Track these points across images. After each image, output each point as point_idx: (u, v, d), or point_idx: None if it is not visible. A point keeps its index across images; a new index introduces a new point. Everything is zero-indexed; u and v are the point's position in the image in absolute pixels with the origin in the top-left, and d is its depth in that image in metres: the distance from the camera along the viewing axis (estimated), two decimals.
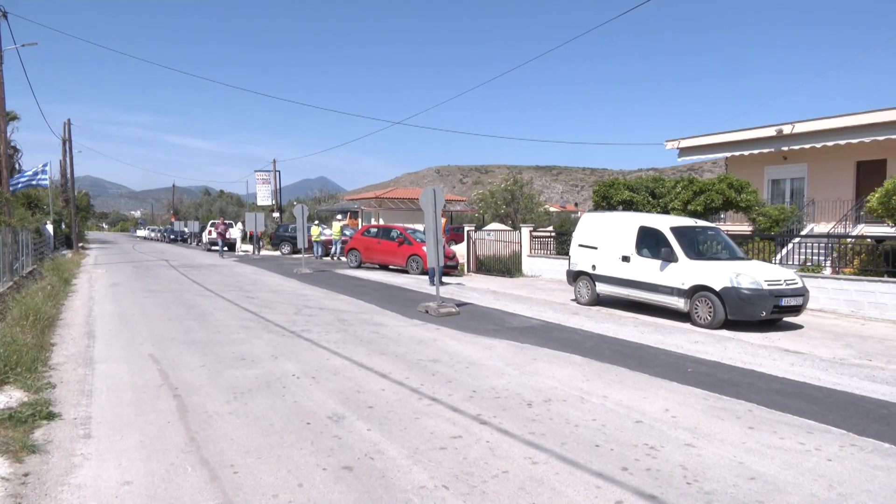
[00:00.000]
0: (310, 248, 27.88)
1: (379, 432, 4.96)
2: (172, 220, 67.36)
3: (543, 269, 19.90)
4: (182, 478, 4.06)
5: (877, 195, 13.49)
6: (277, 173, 46.12)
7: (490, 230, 23.49)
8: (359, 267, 21.85)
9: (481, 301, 13.57)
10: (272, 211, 46.33)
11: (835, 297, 12.77)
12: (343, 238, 26.89)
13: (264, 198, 46.84)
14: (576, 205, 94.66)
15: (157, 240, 61.12)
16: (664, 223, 11.89)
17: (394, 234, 21.35)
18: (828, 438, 4.99)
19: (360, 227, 33.75)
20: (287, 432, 4.94)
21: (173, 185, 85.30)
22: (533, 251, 20.80)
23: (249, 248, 34.50)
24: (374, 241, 21.79)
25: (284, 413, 5.43)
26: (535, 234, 21.36)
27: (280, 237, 32.60)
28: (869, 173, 20.00)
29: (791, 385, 6.77)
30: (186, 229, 52.64)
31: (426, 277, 17.78)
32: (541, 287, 16.87)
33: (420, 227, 23.32)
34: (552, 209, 59.01)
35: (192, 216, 69.69)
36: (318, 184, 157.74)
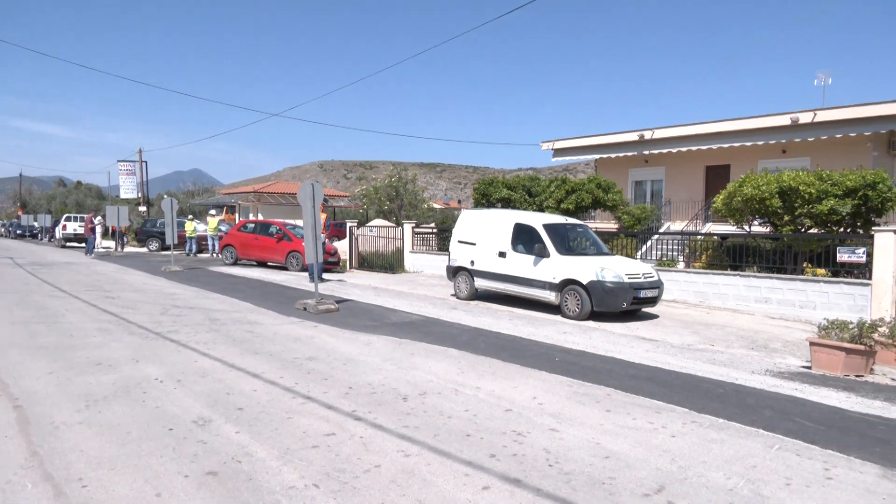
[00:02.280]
0: (182, 245, 26.27)
1: (248, 434, 4.80)
2: (19, 213, 60.56)
3: (425, 265, 20.14)
4: (20, 496, 3.69)
5: (721, 197, 14.97)
6: (144, 164, 42.93)
7: (373, 226, 23.39)
8: (235, 264, 20.92)
9: (362, 297, 13.49)
10: (138, 204, 43.08)
11: (686, 288, 14.04)
12: (219, 234, 25.58)
13: (129, 190, 43.39)
14: (459, 202, 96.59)
15: (1, 235, 54.75)
16: (538, 220, 12.47)
17: (273, 229, 20.65)
18: (673, 417, 5.50)
19: (237, 222, 32.28)
20: (146, 440, 4.64)
21: (20, 175, 76.73)
22: (415, 247, 20.98)
23: (111, 244, 31.87)
24: (251, 237, 20.94)
25: (144, 420, 5.09)
26: (417, 230, 21.55)
27: (147, 233, 30.38)
28: (716, 177, 22.13)
29: (645, 370, 7.38)
30: (37, 224, 47.55)
31: (306, 274, 17.39)
32: (422, 283, 17.07)
33: (301, 222, 22.73)
34: (436, 206, 59.80)
35: (44, 209, 63.06)
36: (192, 176, 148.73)
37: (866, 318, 8.90)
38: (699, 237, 16.41)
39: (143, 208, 42.33)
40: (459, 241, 13.99)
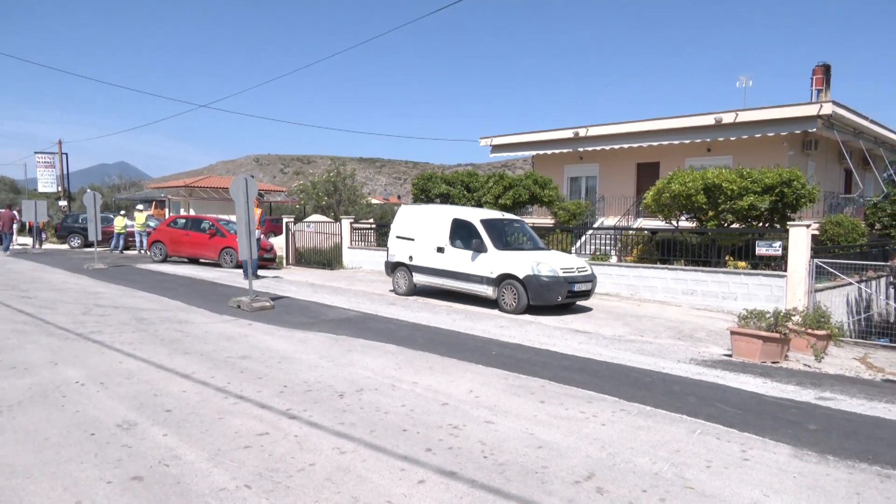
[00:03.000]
0: (106, 242, 25.04)
1: (176, 437, 4.64)
2: None
3: (364, 261, 19.99)
4: None
5: (651, 193, 15.52)
6: (64, 156, 40.62)
7: (311, 222, 23.01)
8: (164, 261, 20.12)
9: (298, 294, 13.26)
10: (58, 199, 40.75)
11: (618, 281, 14.51)
12: (147, 230, 24.54)
13: (48, 183, 40.96)
14: (399, 197, 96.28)
15: None
16: (475, 216, 12.58)
17: (205, 225, 19.98)
18: (604, 406, 5.68)
19: (167, 217, 31.05)
20: (66, 446, 4.41)
21: None
22: (354, 243, 20.78)
23: (28, 241, 30.04)
24: (182, 232, 20.18)
25: (64, 425, 4.84)
26: (356, 225, 21.36)
27: (68, 229, 28.78)
28: (647, 174, 22.94)
29: (578, 361, 7.59)
30: None
31: (241, 271, 16.93)
32: (361, 279, 16.94)
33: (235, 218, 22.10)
34: (375, 201, 59.37)
35: None
36: (118, 169, 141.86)
37: (782, 308, 9.45)
38: (631, 232, 16.96)
39: (63, 203, 40.08)
40: (398, 237, 13.95)
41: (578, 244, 18.55)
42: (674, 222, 15.61)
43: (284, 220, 22.26)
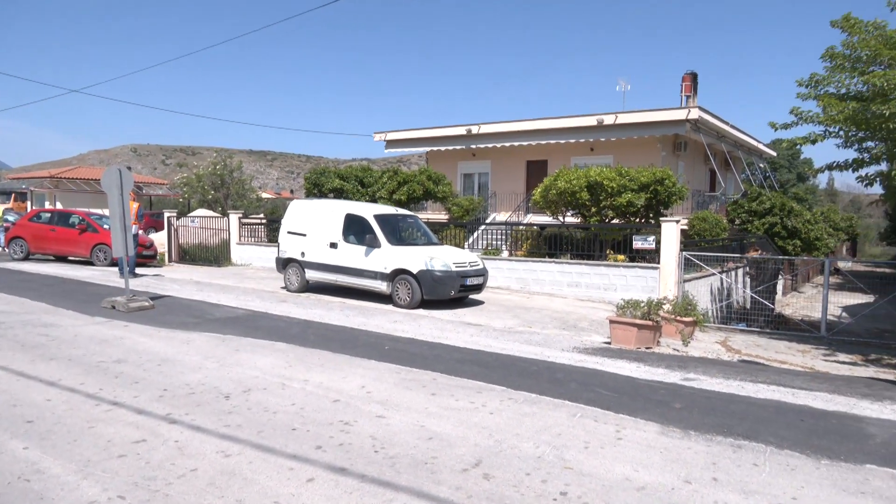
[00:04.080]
0: None
1: (39, 449, 4.27)
2: None
3: (254, 258, 19.29)
4: None
5: (539, 190, 16.17)
6: None
7: (196, 216, 21.84)
8: (26, 259, 18.31)
9: (182, 292, 12.57)
10: None
11: (509, 275, 15.01)
12: (5, 224, 22.20)
13: None
14: (291, 192, 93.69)
15: None
16: (369, 211, 12.52)
17: (74, 219, 18.38)
18: (492, 395, 5.88)
19: (29, 210, 28.25)
20: None
21: None
22: (243, 239, 19.99)
23: None
24: (46, 227, 18.44)
25: None
26: (245, 220, 20.55)
27: None
28: (536, 171, 23.85)
29: (469, 353, 7.79)
30: None
31: (116, 269, 15.77)
32: (250, 276, 16.33)
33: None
34: (267, 195, 57.41)
35: None
36: None
37: (655, 298, 10.20)
38: (521, 227, 17.59)
39: None
40: (289, 233, 13.59)
41: (471, 239, 18.97)
42: (560, 218, 16.36)
43: (166, 214, 20.99)
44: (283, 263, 13.65)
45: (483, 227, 18.88)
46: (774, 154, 32.44)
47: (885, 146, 9.46)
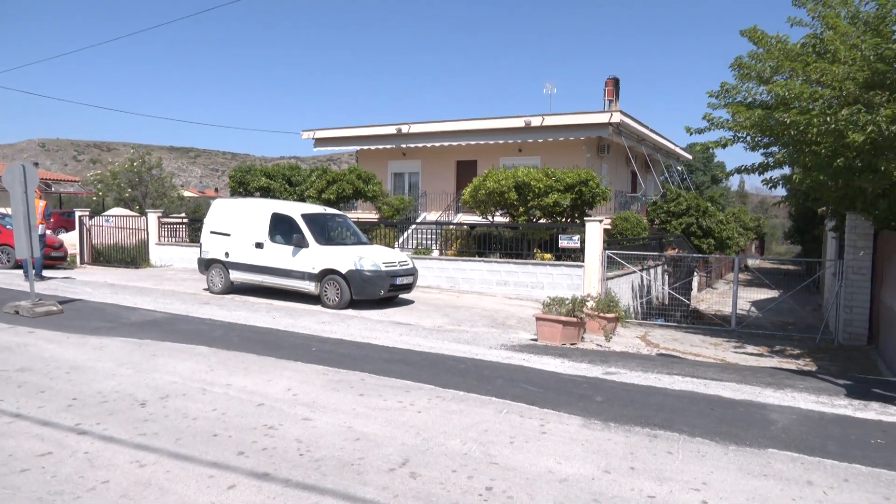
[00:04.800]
0: None
1: None
2: None
3: (175, 259, 18.51)
4: None
5: (468, 190, 16.34)
6: None
7: (110, 216, 20.72)
8: None
9: (95, 296, 11.90)
10: None
11: (439, 274, 15.08)
12: None
13: None
14: (216, 190, 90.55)
15: None
16: (296, 210, 12.27)
17: None
18: (420, 394, 5.90)
19: None
20: None
21: None
22: (163, 239, 19.14)
23: None
24: None
25: None
26: (164, 220, 19.68)
27: None
28: (466, 171, 24.06)
29: (398, 353, 7.77)
30: None
31: (21, 272, 14.73)
32: (170, 277, 15.66)
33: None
34: (189, 194, 55.20)
35: None
36: None
37: (579, 295, 10.52)
38: (451, 227, 17.71)
39: None
40: (212, 232, 13.13)
41: (402, 239, 18.93)
42: (490, 218, 16.59)
43: (77, 213, 19.80)
44: (206, 264, 13.17)
45: (414, 226, 18.88)
46: (690, 157, 34.14)
47: (788, 151, 10.13)
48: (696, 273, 21.68)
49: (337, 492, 3.77)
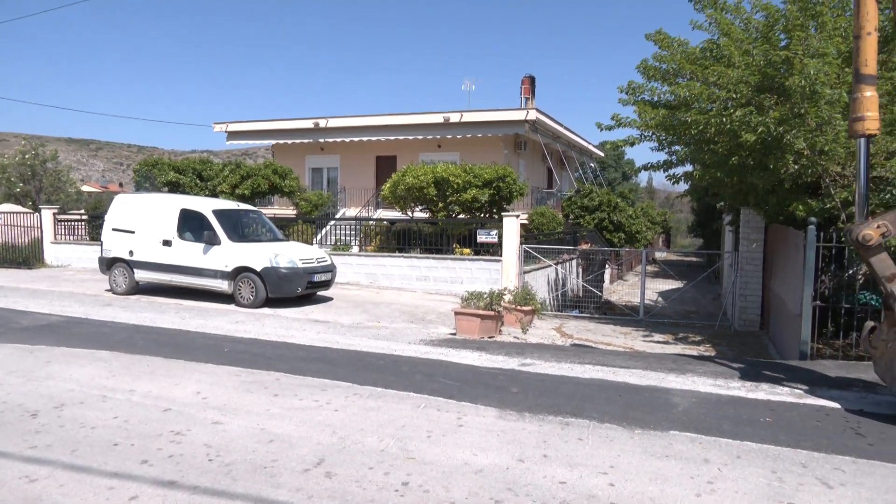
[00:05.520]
0: None
1: None
2: None
3: (74, 258, 17.32)
4: None
5: (388, 185, 16.26)
6: None
7: None
8: None
9: None
10: None
11: (359, 270, 14.93)
12: None
13: None
14: (120, 185, 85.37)
15: None
16: (207, 206, 11.78)
17: None
18: (337, 392, 5.81)
19: None
20: None
21: None
22: (59, 237, 17.86)
23: None
24: None
25: None
26: (62, 217, 18.39)
27: None
28: (385, 167, 23.95)
29: (315, 351, 7.63)
30: None
31: None
32: (69, 278, 14.64)
33: None
34: (90, 189, 51.84)
35: None
36: None
37: (497, 289, 10.71)
38: (371, 223, 17.57)
39: None
40: (115, 230, 12.39)
41: (321, 235, 18.60)
42: (410, 213, 16.58)
43: None
44: (108, 263, 12.41)
45: (333, 222, 18.59)
46: (603, 155, 35.51)
47: (689, 149, 10.72)
48: (608, 266, 22.61)
49: (248, 496, 3.65)
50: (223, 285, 11.27)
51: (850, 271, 9.08)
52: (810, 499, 3.71)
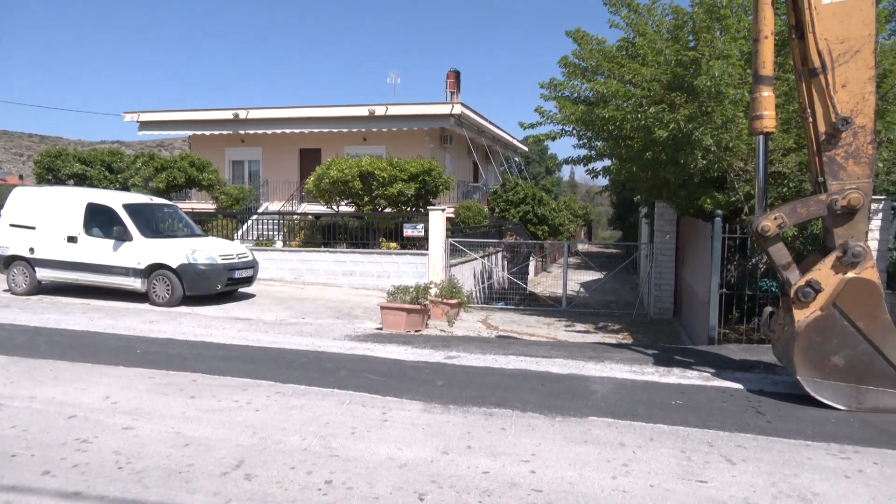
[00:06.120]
0: None
1: None
2: None
3: None
4: None
5: (312, 179, 15.93)
6: None
7: None
8: None
9: None
10: None
11: (283, 266, 14.58)
12: None
13: None
14: (21, 177, 79.44)
15: None
16: (117, 200, 11.15)
17: None
18: (259, 391, 5.65)
19: None
20: None
21: None
22: None
23: None
24: None
25: None
26: None
27: None
28: (310, 160, 23.45)
29: (236, 350, 7.39)
30: None
31: None
32: None
33: None
34: None
35: None
36: None
37: (423, 283, 10.73)
38: (296, 217, 17.19)
39: None
40: (13, 225, 11.52)
41: (243, 230, 18.02)
42: (335, 207, 16.32)
43: None
44: (6, 262, 11.53)
45: (255, 216, 18.07)
46: (527, 149, 36.24)
47: (607, 144, 11.11)
48: (532, 258, 23.14)
49: (161, 503, 3.49)
50: (136, 283, 10.72)
51: (753, 260, 9.70)
52: (715, 475, 3.94)
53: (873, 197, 6.72)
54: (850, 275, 5.24)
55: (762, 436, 4.64)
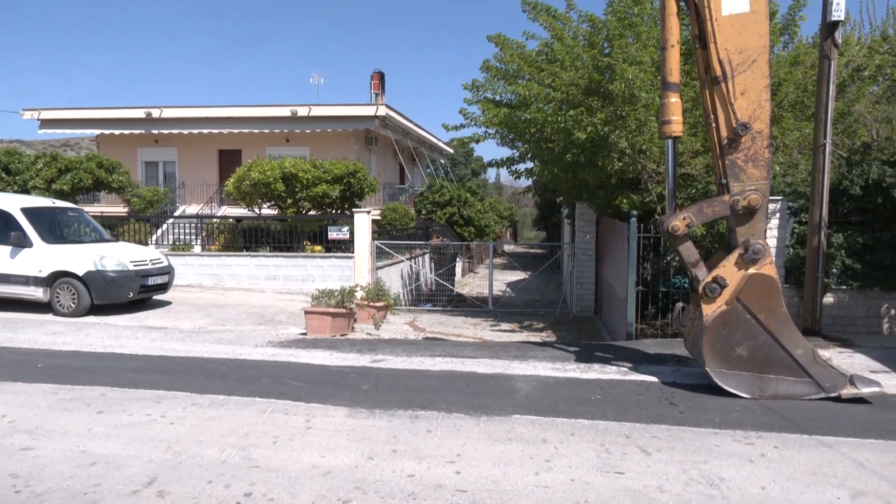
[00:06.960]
0: None
1: None
2: None
3: None
4: None
5: (232, 181, 15.40)
6: None
7: None
8: None
9: None
10: None
11: (201, 271, 14.01)
12: None
13: None
14: None
15: None
16: (14, 204, 10.37)
17: None
18: (174, 403, 5.39)
19: None
20: None
21: None
22: None
23: None
24: None
25: None
26: None
27: None
28: (230, 161, 22.66)
29: (149, 360, 7.03)
30: None
31: None
32: None
33: None
34: None
35: None
36: None
37: (349, 286, 10.59)
38: (215, 220, 16.55)
39: None
40: None
41: (158, 234, 17.21)
42: (257, 210, 15.86)
43: None
44: None
45: (171, 220, 17.31)
46: (452, 151, 36.54)
47: (530, 147, 11.35)
48: (459, 259, 23.34)
49: None
50: (37, 293, 10.00)
51: (667, 259, 10.18)
52: (632, 466, 4.10)
53: (771, 198, 7.21)
54: (752, 271, 5.59)
55: (675, 426, 4.87)
